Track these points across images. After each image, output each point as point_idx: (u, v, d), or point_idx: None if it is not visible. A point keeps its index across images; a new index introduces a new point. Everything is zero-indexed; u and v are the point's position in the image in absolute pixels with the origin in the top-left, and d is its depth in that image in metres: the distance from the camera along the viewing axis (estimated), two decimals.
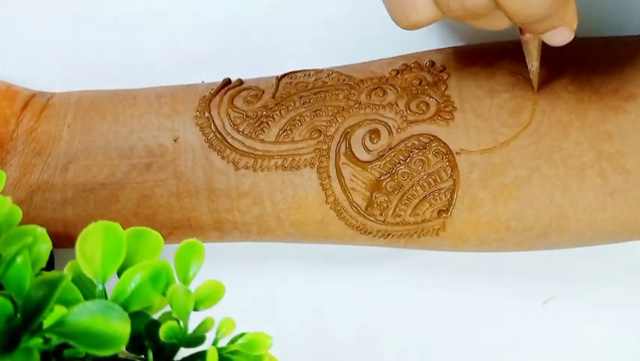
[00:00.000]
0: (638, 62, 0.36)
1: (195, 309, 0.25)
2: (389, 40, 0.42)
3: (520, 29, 0.32)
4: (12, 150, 0.38)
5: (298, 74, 0.38)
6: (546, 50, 0.38)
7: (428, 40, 0.41)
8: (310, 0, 0.42)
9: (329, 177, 0.36)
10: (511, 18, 0.28)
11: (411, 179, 0.36)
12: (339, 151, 0.36)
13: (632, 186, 0.35)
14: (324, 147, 0.36)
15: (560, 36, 0.29)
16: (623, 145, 0.35)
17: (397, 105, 0.36)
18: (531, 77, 0.35)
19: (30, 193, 0.37)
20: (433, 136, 0.36)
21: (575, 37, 0.35)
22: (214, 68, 0.41)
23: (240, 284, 0.42)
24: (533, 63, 0.34)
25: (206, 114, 0.37)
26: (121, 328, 0.21)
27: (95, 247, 0.24)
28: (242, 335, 0.26)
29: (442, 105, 0.36)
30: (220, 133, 0.37)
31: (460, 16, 0.28)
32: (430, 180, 0.35)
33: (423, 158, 0.36)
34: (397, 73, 0.37)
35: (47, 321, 0.22)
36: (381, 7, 0.29)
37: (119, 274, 0.24)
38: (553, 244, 0.37)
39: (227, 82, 0.38)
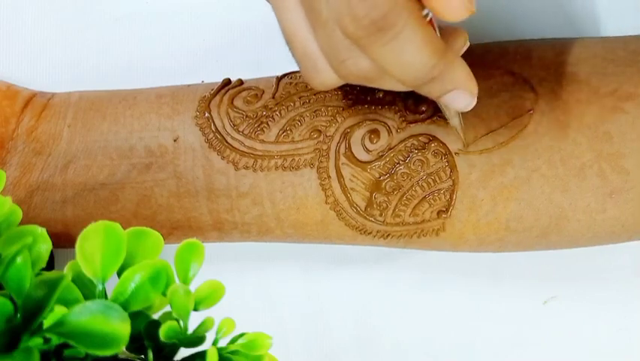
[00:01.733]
0: (637, 62, 0.36)
1: (195, 309, 0.25)
2: None
3: None
4: (12, 149, 0.38)
5: (298, 74, 0.38)
6: (545, 51, 0.38)
7: None
8: None
9: (329, 177, 0.36)
10: (400, 82, 0.28)
11: (410, 179, 0.36)
12: (338, 151, 0.36)
13: (631, 187, 0.35)
14: (324, 147, 0.36)
15: (459, 100, 0.29)
16: (622, 145, 0.35)
17: (397, 105, 0.36)
18: (458, 132, 0.35)
19: (30, 193, 0.37)
20: (432, 136, 0.36)
21: (575, 37, 0.35)
22: (214, 68, 0.41)
23: (240, 284, 0.42)
24: (452, 120, 0.34)
25: (206, 114, 0.37)
26: (121, 328, 0.22)
27: (95, 247, 0.24)
28: (242, 335, 0.26)
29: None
30: (220, 133, 0.37)
31: (355, 80, 0.28)
32: (430, 180, 0.35)
33: (422, 158, 0.36)
34: None
35: (47, 321, 0.22)
36: None
37: (119, 274, 0.24)
38: (553, 244, 0.37)
39: (227, 82, 0.38)
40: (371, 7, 0.24)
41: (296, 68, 0.38)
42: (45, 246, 0.25)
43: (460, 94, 0.29)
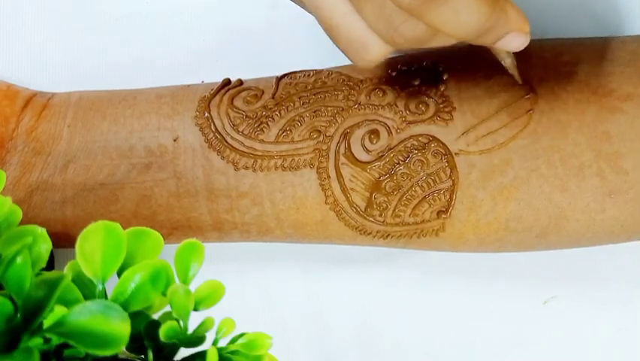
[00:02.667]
0: (636, 62, 0.36)
1: (195, 309, 0.25)
2: None
3: None
4: (12, 149, 0.38)
5: (298, 75, 0.38)
6: (544, 51, 0.38)
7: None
8: None
9: (328, 177, 0.36)
10: (454, 37, 0.28)
11: (410, 179, 0.36)
12: (338, 151, 0.36)
13: (630, 187, 0.35)
14: (324, 147, 0.36)
15: (514, 42, 0.29)
16: (621, 145, 0.35)
17: (397, 106, 0.36)
18: (511, 72, 0.35)
19: (29, 192, 0.37)
20: (432, 136, 0.36)
21: (574, 37, 0.35)
22: (214, 68, 0.41)
23: (240, 284, 0.42)
24: (505, 60, 0.35)
25: (206, 114, 0.37)
26: (121, 328, 0.21)
27: (95, 247, 0.24)
28: (242, 335, 0.26)
29: (441, 106, 0.36)
30: (220, 133, 0.37)
31: (408, 45, 0.29)
32: (430, 180, 0.35)
33: (422, 158, 0.36)
34: (397, 73, 0.37)
35: (47, 321, 0.22)
36: None
37: (119, 274, 0.24)
38: (553, 244, 0.37)
39: (227, 82, 0.38)
40: None
41: (295, 69, 0.39)
42: (45, 246, 0.25)
43: (514, 36, 0.29)
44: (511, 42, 0.29)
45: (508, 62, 0.35)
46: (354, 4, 0.28)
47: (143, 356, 0.25)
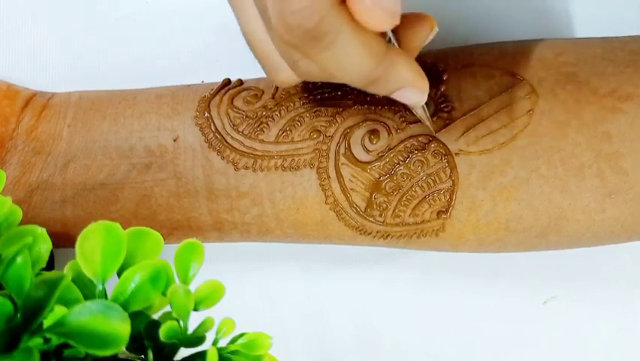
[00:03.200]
0: (636, 63, 0.36)
1: (195, 309, 0.25)
2: None
3: None
4: (12, 148, 0.38)
5: None
6: (544, 51, 0.38)
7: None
8: None
9: (328, 177, 0.36)
10: (347, 83, 0.28)
11: (410, 180, 0.36)
12: (338, 152, 0.36)
13: (630, 187, 0.35)
14: (324, 147, 0.36)
15: (409, 97, 0.30)
16: (621, 145, 0.35)
17: (396, 106, 0.36)
18: (424, 122, 0.35)
19: (29, 192, 0.37)
20: (432, 137, 0.36)
21: (574, 38, 0.35)
22: (214, 68, 0.41)
23: (240, 284, 0.42)
24: (416, 110, 0.34)
25: (206, 114, 0.37)
26: (121, 328, 0.21)
27: (95, 247, 0.24)
28: (242, 335, 0.26)
29: (441, 106, 0.36)
30: (220, 133, 0.37)
31: (312, 78, 0.29)
32: (430, 180, 0.35)
33: (422, 158, 0.36)
34: None
35: (47, 321, 0.22)
36: None
37: (119, 274, 0.24)
38: (553, 244, 0.37)
39: (227, 82, 0.38)
40: (303, 18, 0.24)
41: None
42: (45, 246, 0.25)
43: (408, 91, 0.29)
44: (405, 96, 0.30)
45: (419, 113, 0.34)
46: (266, 28, 0.28)
47: (143, 356, 0.25)
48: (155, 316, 0.25)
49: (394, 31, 0.29)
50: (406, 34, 0.30)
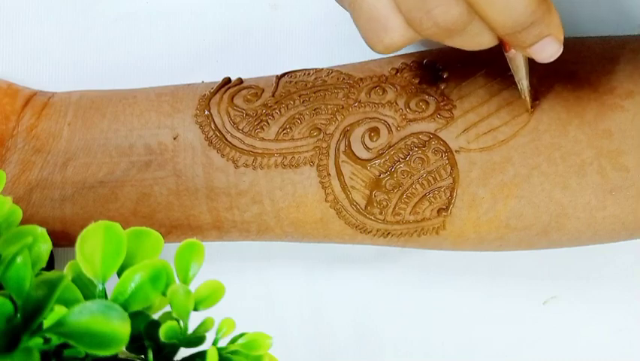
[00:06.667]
0: (636, 61, 0.36)
1: (195, 309, 0.25)
2: None
3: (505, 45, 0.31)
4: (12, 147, 0.38)
5: (298, 73, 0.38)
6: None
7: (428, 39, 0.41)
8: (310, 0, 0.42)
9: (328, 175, 0.36)
10: (493, 29, 0.27)
11: (410, 177, 0.36)
12: (338, 149, 0.36)
13: (631, 184, 0.35)
14: (324, 145, 0.36)
15: (549, 48, 0.29)
16: (622, 143, 0.35)
17: (397, 104, 0.36)
18: (523, 97, 0.35)
19: (29, 190, 0.37)
20: (432, 134, 0.36)
21: (575, 36, 0.35)
22: (214, 67, 0.41)
23: (240, 284, 0.42)
24: (523, 82, 0.34)
25: (206, 112, 0.37)
26: (121, 328, 0.21)
27: (95, 247, 0.24)
28: (242, 335, 0.26)
29: (442, 103, 0.36)
30: (220, 131, 0.37)
31: (435, 34, 0.28)
32: (430, 178, 0.35)
33: (422, 156, 0.36)
34: (397, 72, 0.37)
35: (47, 321, 0.22)
36: None
37: (119, 274, 0.24)
38: (554, 242, 0.37)
39: (227, 81, 0.38)
40: None
41: (294, 68, 0.39)
42: (45, 246, 0.25)
43: (552, 41, 0.29)
44: (547, 47, 0.29)
45: (524, 85, 0.34)
46: None
47: (143, 356, 0.25)
48: (155, 316, 0.25)
49: None
50: None
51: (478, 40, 0.28)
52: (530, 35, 0.28)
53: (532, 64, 0.36)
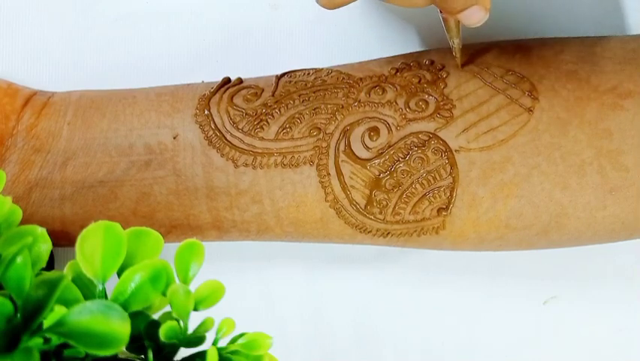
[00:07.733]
0: (636, 61, 0.36)
1: (195, 309, 0.25)
2: (388, 40, 0.42)
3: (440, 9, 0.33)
4: (12, 146, 0.38)
5: (298, 73, 0.38)
6: (545, 49, 0.38)
7: (427, 39, 0.41)
8: (310, 0, 0.42)
9: (328, 174, 0.36)
10: None
11: (410, 177, 0.36)
12: (338, 149, 0.36)
13: (631, 184, 0.35)
14: (324, 144, 0.36)
15: (475, 15, 0.31)
16: (622, 142, 0.35)
17: (397, 103, 0.36)
18: (454, 54, 0.36)
19: (28, 190, 0.37)
20: (432, 134, 0.36)
21: (574, 36, 0.35)
22: (214, 67, 0.41)
23: (240, 284, 0.42)
24: (454, 40, 0.36)
25: (206, 112, 0.37)
26: (121, 328, 0.22)
27: (95, 247, 0.24)
28: (242, 335, 0.26)
29: (441, 103, 0.36)
30: (219, 131, 0.37)
31: None
32: (430, 177, 0.35)
33: (422, 156, 0.36)
34: (397, 71, 0.37)
35: (47, 321, 0.22)
36: (381, 6, 0.29)
37: (119, 274, 0.24)
38: (553, 242, 0.37)
39: (226, 81, 0.38)
40: None
41: (294, 68, 0.39)
42: (45, 246, 0.25)
43: (478, 9, 0.31)
44: (472, 15, 0.31)
45: (456, 43, 0.36)
46: None
47: (143, 356, 0.25)
48: (155, 316, 0.25)
49: None
50: None
51: (414, 1, 0.30)
52: (457, 4, 0.30)
53: (533, 66, 0.36)
